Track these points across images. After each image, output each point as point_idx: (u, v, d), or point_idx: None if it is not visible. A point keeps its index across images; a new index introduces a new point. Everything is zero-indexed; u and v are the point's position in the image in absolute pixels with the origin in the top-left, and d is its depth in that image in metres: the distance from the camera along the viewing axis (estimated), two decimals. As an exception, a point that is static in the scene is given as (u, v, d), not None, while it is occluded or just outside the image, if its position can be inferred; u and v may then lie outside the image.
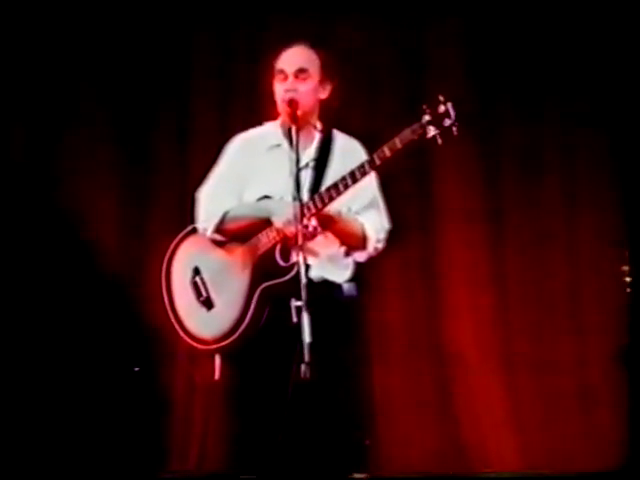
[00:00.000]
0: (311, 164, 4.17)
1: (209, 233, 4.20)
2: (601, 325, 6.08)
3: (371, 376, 4.32)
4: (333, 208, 4.03)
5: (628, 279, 5.79)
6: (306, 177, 4.11)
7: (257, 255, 4.07)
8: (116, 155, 6.35)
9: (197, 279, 4.17)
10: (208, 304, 4.15)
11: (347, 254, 4.20)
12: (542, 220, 6.24)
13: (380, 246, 4.21)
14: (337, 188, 3.98)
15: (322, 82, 4.19)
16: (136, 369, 6.02)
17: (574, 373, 6.14)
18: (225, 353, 4.14)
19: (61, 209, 6.19)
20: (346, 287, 4.18)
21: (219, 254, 4.17)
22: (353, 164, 4.07)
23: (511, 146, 6.28)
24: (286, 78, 4.15)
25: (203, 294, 4.16)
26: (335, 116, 4.32)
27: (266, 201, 4.12)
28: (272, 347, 4.02)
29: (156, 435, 6.06)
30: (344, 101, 4.33)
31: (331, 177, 4.12)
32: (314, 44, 4.23)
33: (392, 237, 4.26)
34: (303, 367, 3.63)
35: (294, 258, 3.95)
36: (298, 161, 3.94)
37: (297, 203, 3.85)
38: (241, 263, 4.11)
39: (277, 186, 4.09)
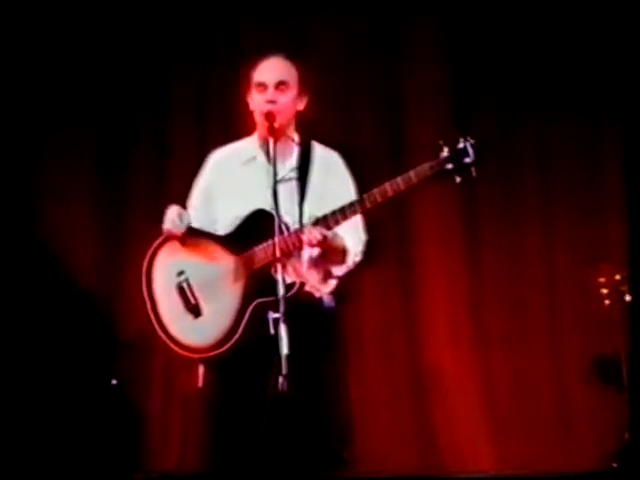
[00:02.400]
0: (292, 176, 4.15)
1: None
2: (577, 337, 6.11)
3: (348, 387, 4.29)
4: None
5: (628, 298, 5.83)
6: (287, 190, 4.08)
7: (252, 269, 4.02)
8: (94, 167, 6.36)
9: (183, 284, 4.11)
10: (195, 311, 4.09)
11: (327, 271, 4.17)
12: (519, 234, 6.26)
13: (358, 259, 4.20)
14: (344, 213, 3.96)
15: (300, 94, 4.19)
16: (114, 382, 6.01)
17: (551, 384, 6.16)
18: (211, 362, 4.10)
19: (37, 221, 6.20)
20: (325, 299, 4.16)
21: (207, 261, 4.11)
22: (333, 175, 4.15)
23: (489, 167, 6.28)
24: (265, 89, 4.13)
25: (191, 301, 4.09)
26: (312, 127, 4.32)
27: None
28: (252, 359, 3.99)
29: (134, 442, 6.05)
30: (321, 112, 4.33)
31: (313, 189, 4.13)
32: (291, 56, 4.23)
33: (369, 249, 4.25)
34: (280, 379, 3.64)
35: (292, 277, 3.95)
36: (275, 174, 3.93)
37: (277, 216, 3.85)
38: (233, 274, 4.05)
39: (253, 200, 4.08)
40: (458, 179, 3.93)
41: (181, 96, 6.41)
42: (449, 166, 3.92)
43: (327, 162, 4.24)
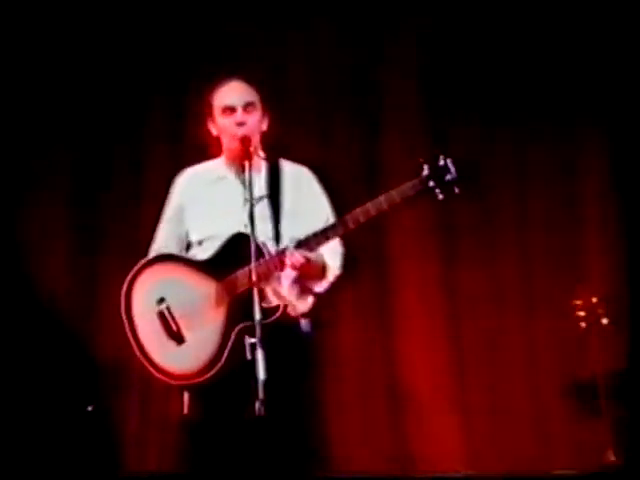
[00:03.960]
0: (263, 195, 4.13)
1: None
2: (553, 357, 6.11)
3: (325, 412, 4.27)
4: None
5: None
6: (259, 210, 4.01)
7: (234, 294, 4.00)
8: (68, 196, 6.37)
9: (165, 311, 4.06)
10: (178, 338, 4.04)
11: (306, 289, 4.15)
12: (496, 252, 6.27)
13: (338, 273, 4.19)
14: (326, 235, 3.96)
15: (263, 114, 4.22)
16: (89, 408, 5.97)
17: (527, 401, 6.16)
18: (192, 388, 4.06)
19: (12, 247, 6.18)
20: (302, 324, 4.14)
21: (188, 287, 4.08)
22: (305, 192, 4.17)
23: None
24: (234, 112, 4.14)
25: (172, 327, 4.05)
26: (280, 147, 4.32)
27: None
28: (232, 383, 3.95)
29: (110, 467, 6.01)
30: (289, 130, 4.33)
31: (287, 208, 4.13)
32: (248, 79, 4.24)
33: (346, 263, 4.21)
34: (257, 404, 3.63)
35: (273, 301, 3.97)
36: (252, 197, 3.89)
37: (255, 241, 3.82)
38: (215, 300, 4.02)
39: (226, 219, 4.07)
40: (441, 197, 3.93)
41: (155, 128, 6.44)
42: (431, 184, 3.92)
43: (297, 178, 4.24)
